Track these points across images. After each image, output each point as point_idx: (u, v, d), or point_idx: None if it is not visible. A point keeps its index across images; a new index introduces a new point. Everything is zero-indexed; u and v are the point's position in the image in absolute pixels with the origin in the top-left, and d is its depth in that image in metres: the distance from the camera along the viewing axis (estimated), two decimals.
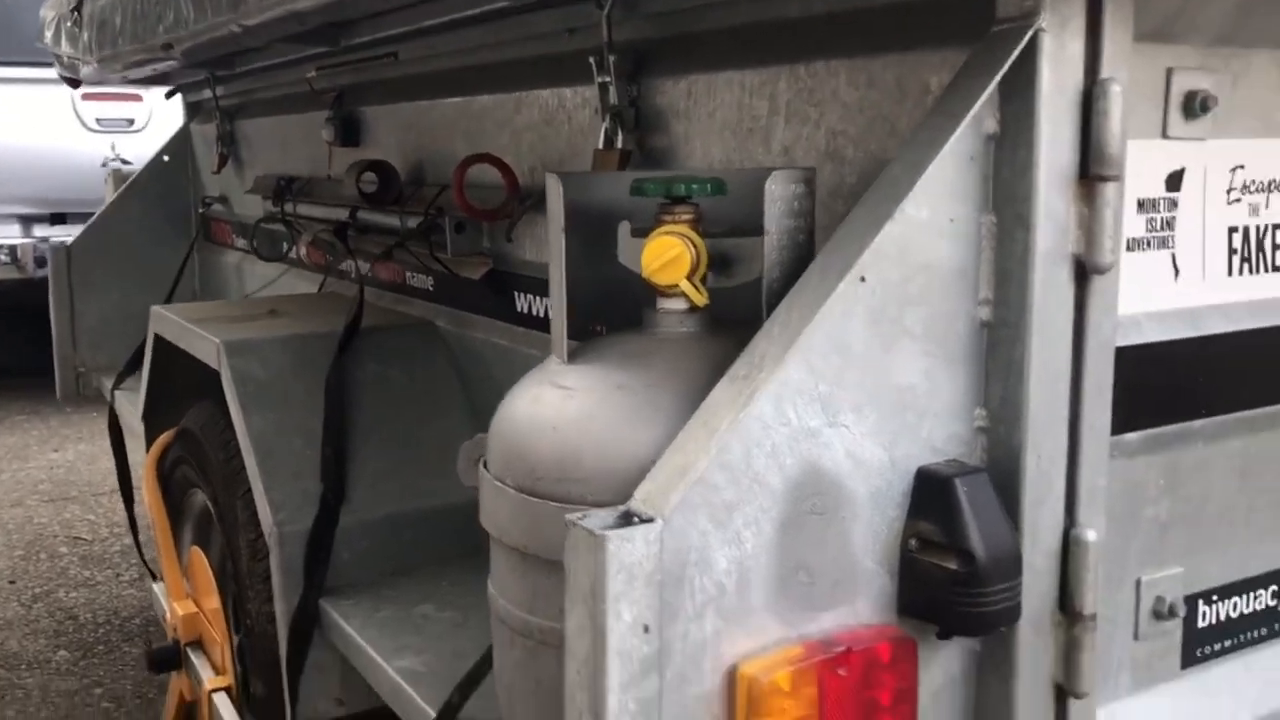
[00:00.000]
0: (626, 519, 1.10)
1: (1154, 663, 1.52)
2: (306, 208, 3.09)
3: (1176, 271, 1.45)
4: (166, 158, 4.41)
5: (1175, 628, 1.53)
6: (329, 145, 2.96)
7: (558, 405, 1.29)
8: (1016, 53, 1.23)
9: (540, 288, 2.23)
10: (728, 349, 1.33)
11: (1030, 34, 1.24)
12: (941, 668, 1.33)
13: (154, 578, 4.46)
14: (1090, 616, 1.32)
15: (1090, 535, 1.32)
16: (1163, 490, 1.48)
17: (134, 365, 3.91)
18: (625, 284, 1.49)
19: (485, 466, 1.39)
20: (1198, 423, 1.47)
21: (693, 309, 1.37)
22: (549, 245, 1.38)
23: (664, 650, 1.13)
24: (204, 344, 2.51)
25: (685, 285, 1.33)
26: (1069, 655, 1.33)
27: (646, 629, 1.09)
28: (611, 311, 1.49)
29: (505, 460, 1.33)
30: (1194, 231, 1.46)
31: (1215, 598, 1.57)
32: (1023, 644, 1.31)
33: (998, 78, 1.24)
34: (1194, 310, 1.46)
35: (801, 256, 1.32)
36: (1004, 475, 1.30)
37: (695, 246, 1.33)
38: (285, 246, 3.34)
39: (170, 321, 2.81)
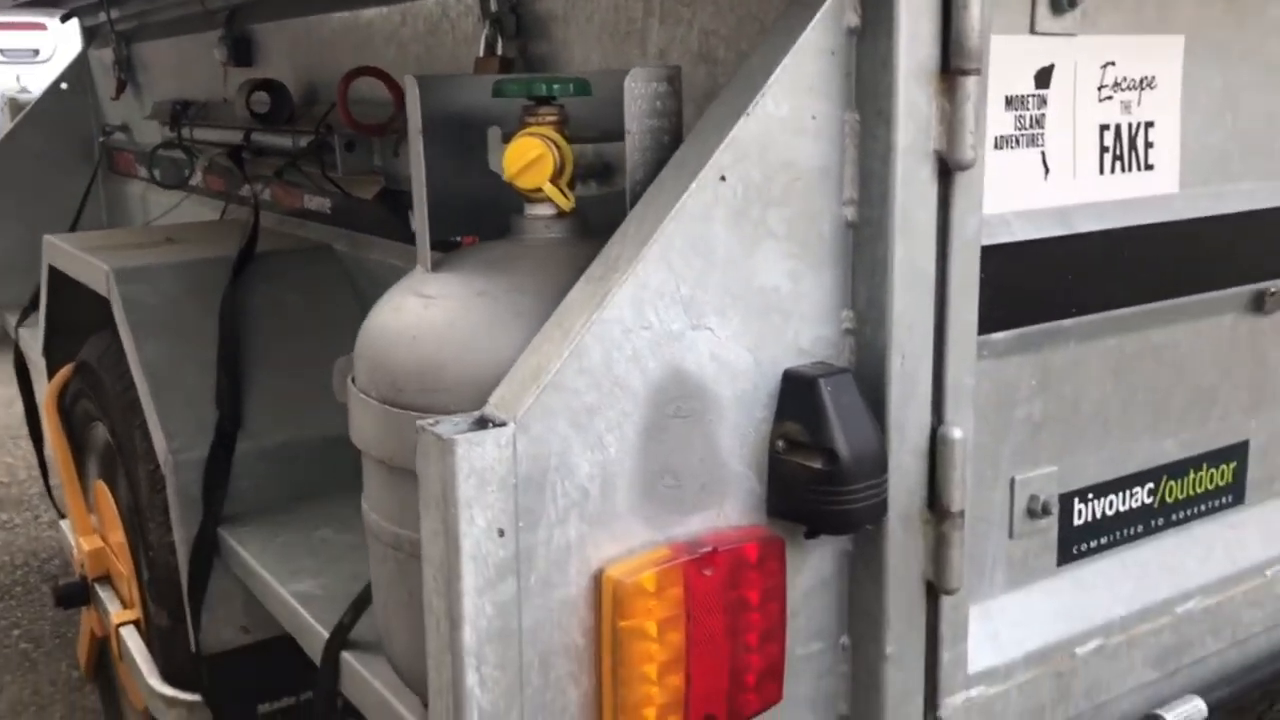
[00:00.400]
0: (480, 424, 1.09)
1: (1029, 560, 1.55)
2: (203, 132, 3.01)
3: (1047, 170, 1.45)
4: (65, 85, 4.26)
5: (1050, 526, 1.55)
6: (223, 66, 2.88)
7: (419, 314, 1.27)
8: None
9: None
10: (594, 254, 1.31)
11: None
12: (813, 568, 1.35)
13: (62, 517, 4.40)
14: (958, 513, 1.34)
15: (956, 433, 1.33)
16: (1035, 390, 1.49)
17: (37, 301, 3.81)
18: (496, 192, 1.46)
19: (353, 381, 1.37)
20: (1069, 322, 1.48)
21: (560, 214, 1.35)
22: (410, 152, 1.35)
23: (526, 555, 1.13)
24: (93, 271, 2.44)
25: (549, 189, 1.30)
26: (938, 552, 1.35)
27: (501, 533, 1.08)
28: (485, 222, 1.47)
29: (369, 373, 1.31)
30: (1064, 129, 1.45)
31: (1090, 496, 1.60)
32: (892, 542, 1.33)
33: None
34: (1065, 209, 1.46)
35: (665, 158, 1.30)
36: (870, 376, 1.30)
37: (559, 149, 1.30)
38: (185, 173, 3.25)
39: (62, 251, 2.74)
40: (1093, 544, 1.61)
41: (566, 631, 1.17)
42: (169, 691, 2.30)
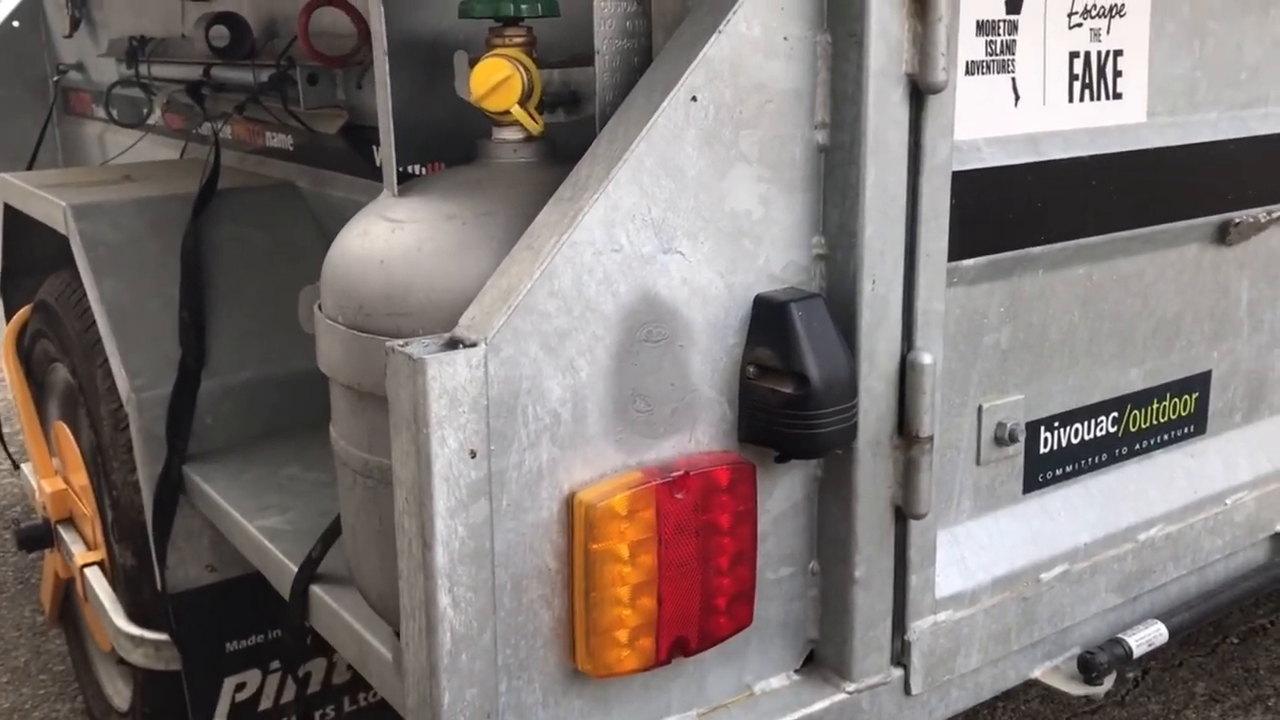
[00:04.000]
0: (451, 345, 1.08)
1: (996, 487, 1.56)
2: (161, 69, 2.94)
3: (1017, 96, 1.45)
4: (16, 23, 4.14)
5: (1016, 453, 1.57)
6: (181, 1, 2.81)
7: (386, 238, 1.25)
8: None
9: None
10: (563, 178, 1.30)
11: None
12: (783, 493, 1.35)
13: (15, 466, 4.35)
14: (927, 439, 1.35)
15: (926, 359, 1.33)
16: (1003, 317, 1.50)
17: None
18: (463, 118, 1.44)
19: (319, 308, 1.36)
20: (1038, 249, 1.49)
21: (529, 138, 1.33)
22: (374, 74, 1.32)
23: (498, 478, 1.12)
24: (51, 208, 2.39)
25: (518, 111, 1.28)
26: (907, 477, 1.36)
27: (473, 454, 1.08)
28: (450, 149, 1.45)
29: (336, 298, 1.29)
30: (1034, 56, 1.45)
31: (1056, 424, 1.61)
32: (861, 467, 1.34)
33: None
34: (1034, 136, 1.46)
35: (635, 80, 1.28)
36: (841, 301, 1.30)
37: (528, 71, 1.28)
38: (144, 111, 3.19)
39: (18, 189, 2.68)
40: (1058, 472, 1.62)
41: (539, 555, 1.17)
42: (135, 631, 2.29)
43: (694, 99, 1.18)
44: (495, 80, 1.26)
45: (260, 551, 1.87)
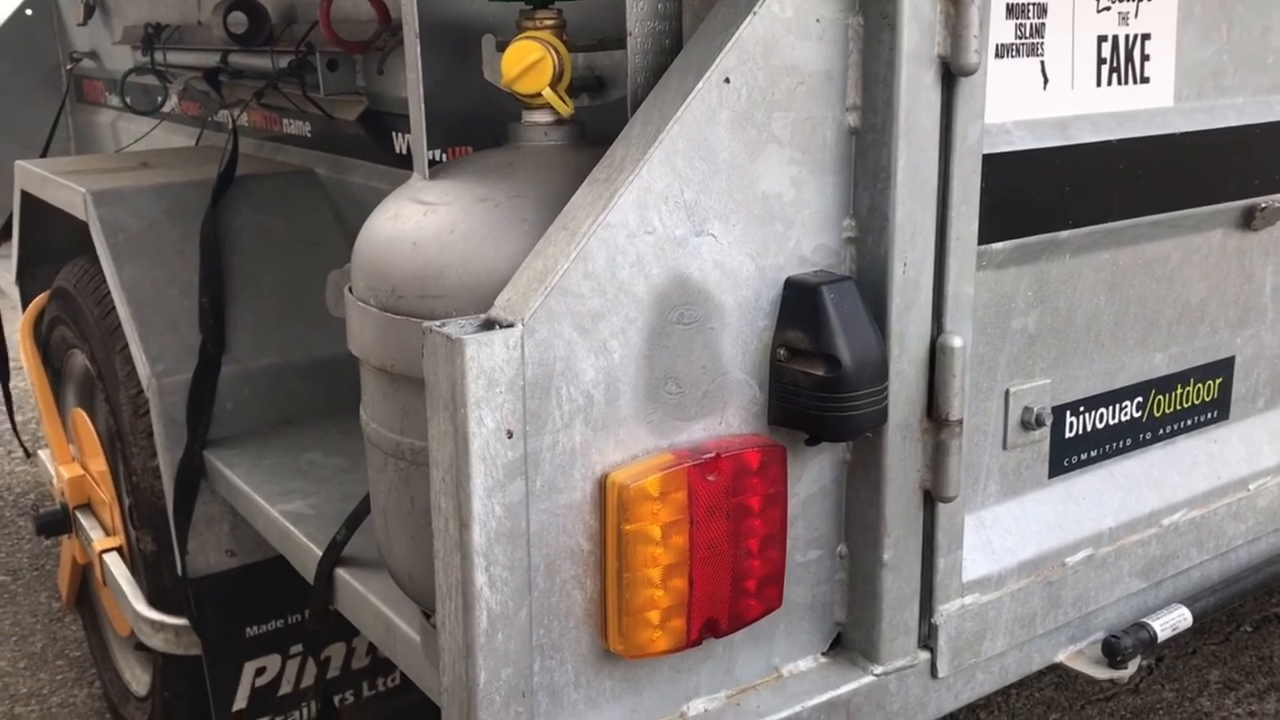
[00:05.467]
0: (487, 326, 1.09)
1: (1022, 471, 1.57)
2: (177, 55, 2.94)
3: (1046, 80, 1.44)
4: (29, 11, 4.14)
5: (1043, 438, 1.57)
6: None
7: (418, 220, 1.25)
8: None
9: None
10: (593, 160, 1.30)
11: None
12: (812, 477, 1.35)
13: (27, 455, 4.36)
14: (957, 422, 1.35)
15: (956, 341, 1.33)
16: (1031, 301, 1.50)
17: (7, 232, 3.75)
18: (490, 102, 1.44)
19: (350, 290, 1.36)
20: (1065, 233, 1.48)
21: (559, 121, 1.34)
22: (405, 57, 1.32)
23: (532, 460, 1.12)
24: (70, 195, 2.39)
25: (549, 94, 1.28)
26: (936, 460, 1.36)
27: (510, 435, 1.08)
28: (479, 133, 1.45)
29: (368, 280, 1.29)
30: (1063, 39, 1.45)
31: (1082, 409, 1.61)
32: (891, 450, 1.34)
33: None
34: (1063, 119, 1.46)
35: (666, 63, 1.28)
36: (872, 284, 1.30)
37: (558, 53, 1.28)
38: (158, 99, 3.19)
39: (35, 175, 2.68)
40: (1083, 456, 1.62)
41: (572, 535, 1.18)
42: (156, 616, 2.30)
43: (727, 81, 1.18)
44: (527, 63, 1.26)
45: (284, 536, 1.87)
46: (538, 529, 1.14)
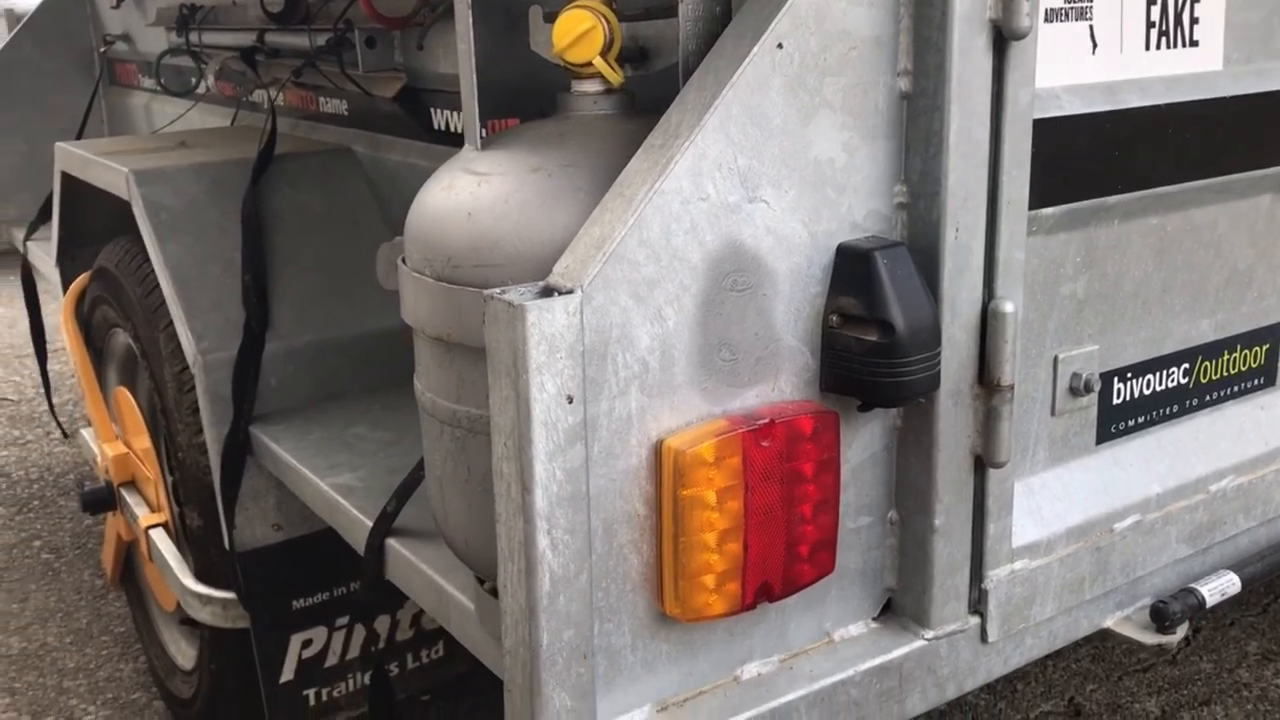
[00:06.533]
0: (546, 292, 1.10)
1: (1070, 438, 1.57)
2: (212, 36, 2.96)
3: (1094, 44, 1.44)
4: None
5: (1091, 404, 1.57)
6: None
7: (472, 191, 1.26)
8: None
9: (456, 103, 2.16)
10: (646, 129, 1.30)
11: None
12: (863, 443, 1.36)
13: (64, 435, 4.40)
14: (1008, 387, 1.35)
15: (1008, 307, 1.33)
16: (1080, 267, 1.50)
17: (45, 214, 3.78)
18: (537, 74, 1.44)
19: (403, 262, 1.37)
20: (1114, 199, 1.48)
21: (609, 90, 1.34)
22: (455, 26, 1.33)
23: (590, 425, 1.14)
24: (112, 175, 2.42)
25: (599, 63, 1.29)
26: (988, 426, 1.36)
27: (570, 400, 1.09)
28: (526, 104, 1.45)
29: (422, 251, 1.30)
30: (1112, 3, 1.44)
31: (1130, 375, 1.61)
32: (943, 416, 1.34)
33: None
34: (1111, 84, 1.46)
35: (718, 31, 1.29)
36: (924, 249, 1.30)
37: (608, 21, 1.29)
38: (193, 80, 3.21)
39: (76, 156, 2.71)
40: (1130, 423, 1.62)
41: (628, 500, 1.19)
42: (203, 590, 2.33)
43: (780, 46, 1.18)
44: (579, 31, 1.27)
45: (333, 508, 1.89)
46: (595, 494, 1.15)
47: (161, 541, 2.55)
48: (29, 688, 3.06)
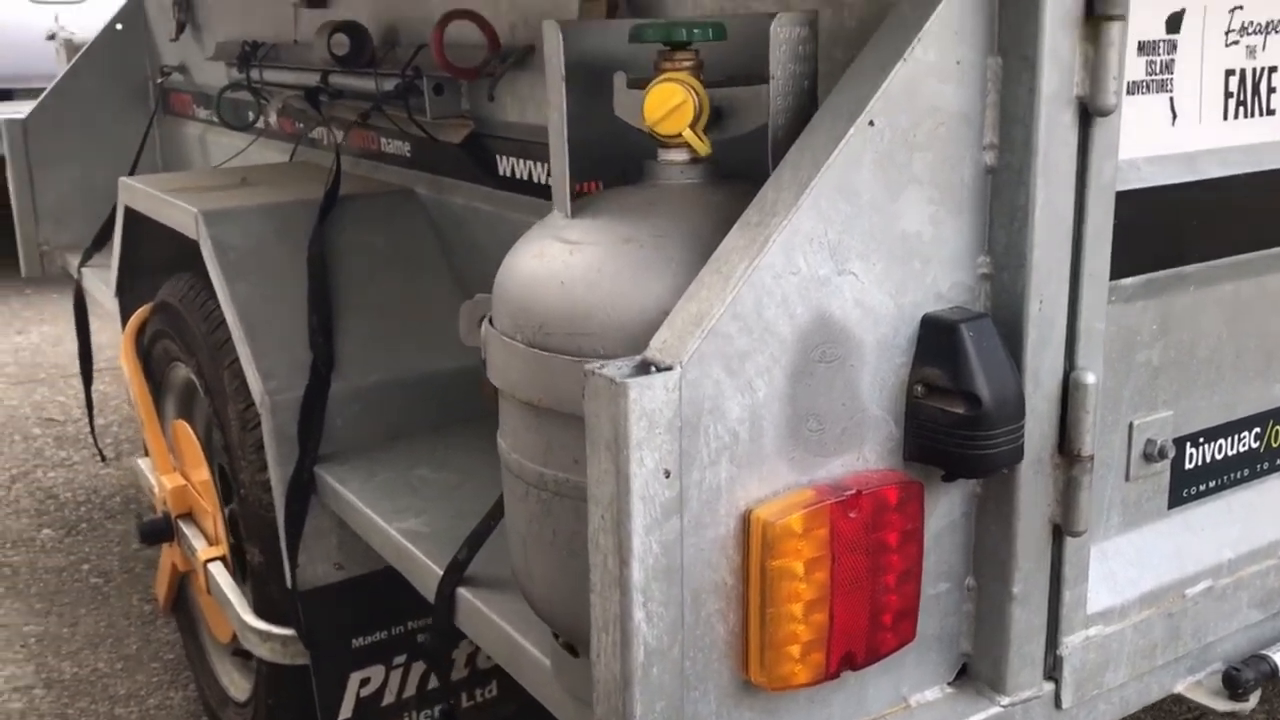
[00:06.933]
0: (644, 368, 1.11)
1: (1143, 503, 1.57)
2: (274, 73, 3.01)
3: (1174, 115, 1.45)
4: (120, 26, 4.25)
5: (1164, 469, 1.57)
6: (294, 7, 2.87)
7: (564, 259, 1.29)
8: None
9: (523, 150, 2.19)
10: (731, 199, 1.33)
11: None
12: (944, 510, 1.37)
13: (103, 459, 4.47)
14: (1089, 457, 1.36)
15: (1090, 378, 1.34)
16: (1155, 335, 1.51)
17: (100, 241, 3.85)
18: (618, 137, 1.47)
19: (490, 323, 1.39)
20: (1190, 267, 1.49)
21: (695, 159, 1.36)
22: (548, 98, 1.35)
23: (681, 495, 1.15)
24: (181, 214, 2.46)
25: (689, 134, 1.31)
26: (1067, 495, 1.37)
27: (668, 474, 1.11)
28: (605, 166, 1.48)
29: (513, 316, 1.33)
30: (1192, 74, 1.45)
31: (1202, 440, 1.61)
32: (1023, 485, 1.35)
33: None
34: (1191, 154, 1.47)
35: (805, 104, 1.31)
36: (1007, 321, 1.31)
37: (697, 94, 1.31)
38: (251, 115, 3.26)
39: (141, 193, 2.76)
40: (1202, 487, 1.63)
41: (716, 570, 1.20)
42: (264, 626, 2.36)
43: (871, 123, 1.20)
44: (670, 106, 1.29)
45: (401, 553, 1.92)
46: (686, 564, 1.17)
47: (220, 576, 2.58)
48: (81, 714, 3.09)
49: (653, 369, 1.11)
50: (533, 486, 1.34)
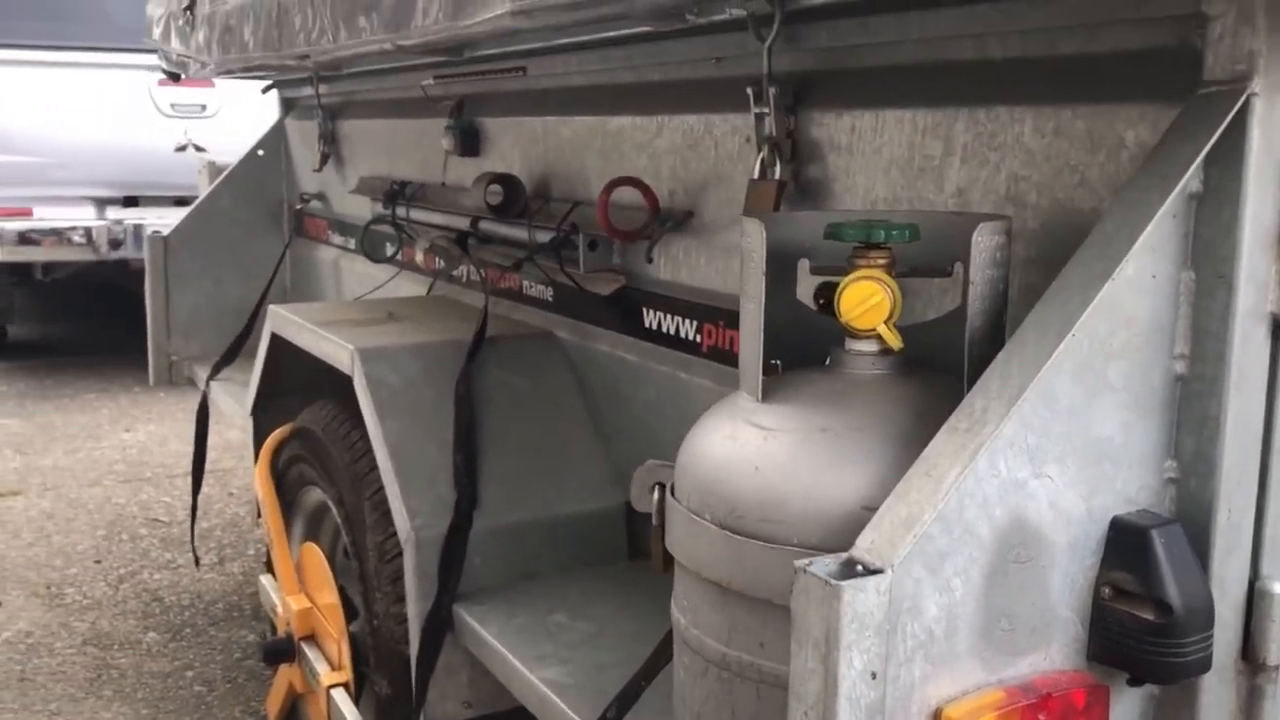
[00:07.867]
0: (851, 567, 1.14)
1: None
2: (421, 213, 3.14)
3: None
4: (261, 152, 4.48)
5: None
6: (446, 154, 3.01)
7: (758, 445, 1.33)
8: (1229, 119, 1.26)
9: (670, 306, 2.27)
10: (920, 392, 1.37)
11: (1243, 99, 1.26)
12: (1123, 711, 1.37)
13: (197, 563, 4.56)
14: (1274, 667, 1.35)
15: (1277, 587, 1.35)
16: None
17: (230, 356, 4.00)
18: (803, 321, 1.53)
19: (674, 495, 1.43)
20: None
21: (885, 351, 1.41)
22: (744, 288, 1.42)
23: (884, 696, 1.17)
24: (335, 349, 2.56)
25: (884, 330, 1.36)
26: (1250, 704, 1.36)
27: (874, 676, 1.13)
28: (786, 347, 1.53)
29: (702, 495, 1.37)
30: None
31: None
32: (1206, 693, 1.35)
33: (1210, 144, 1.26)
34: None
35: (1000, 306, 1.36)
36: (1194, 527, 1.33)
37: (893, 291, 1.36)
38: (390, 248, 3.40)
39: (291, 322, 2.88)
40: None
41: None
42: None
43: (1073, 334, 1.24)
44: (870, 304, 1.34)
45: (545, 704, 1.94)
46: None
47: (343, 702, 2.62)
48: None
49: (859, 568, 1.14)
50: (713, 665, 1.36)
